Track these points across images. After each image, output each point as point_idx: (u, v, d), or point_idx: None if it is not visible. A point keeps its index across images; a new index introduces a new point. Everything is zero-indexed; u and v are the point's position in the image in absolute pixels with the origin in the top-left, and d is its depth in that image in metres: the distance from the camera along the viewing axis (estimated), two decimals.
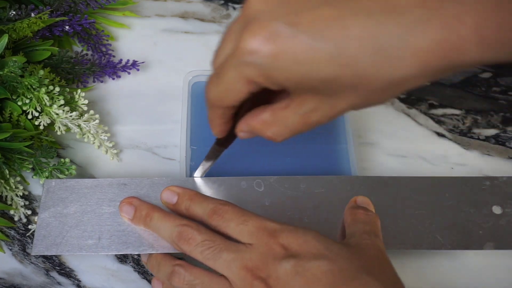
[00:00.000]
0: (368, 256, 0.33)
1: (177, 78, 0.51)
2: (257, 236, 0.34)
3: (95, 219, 0.40)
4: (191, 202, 0.38)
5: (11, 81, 0.43)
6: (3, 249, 0.43)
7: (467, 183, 0.42)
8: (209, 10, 0.58)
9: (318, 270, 0.31)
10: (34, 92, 0.43)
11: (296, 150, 0.46)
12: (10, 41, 0.46)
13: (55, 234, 0.39)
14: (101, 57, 0.52)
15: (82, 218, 0.40)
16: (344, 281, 0.31)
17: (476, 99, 0.51)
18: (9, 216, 0.45)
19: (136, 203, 0.39)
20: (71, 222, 0.39)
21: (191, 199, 0.38)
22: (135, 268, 0.43)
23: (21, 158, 0.43)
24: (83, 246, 0.38)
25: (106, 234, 0.39)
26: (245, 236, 0.34)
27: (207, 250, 0.34)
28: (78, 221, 0.39)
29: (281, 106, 0.29)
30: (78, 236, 0.39)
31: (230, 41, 0.28)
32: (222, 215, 0.35)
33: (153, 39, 0.56)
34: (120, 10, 0.56)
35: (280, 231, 0.34)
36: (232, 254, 0.33)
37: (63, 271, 0.42)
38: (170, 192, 0.39)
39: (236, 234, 0.34)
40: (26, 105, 0.44)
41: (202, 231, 0.35)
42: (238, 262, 0.33)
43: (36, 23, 0.45)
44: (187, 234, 0.35)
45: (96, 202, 0.40)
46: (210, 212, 0.36)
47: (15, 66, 0.42)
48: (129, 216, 0.39)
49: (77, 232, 0.39)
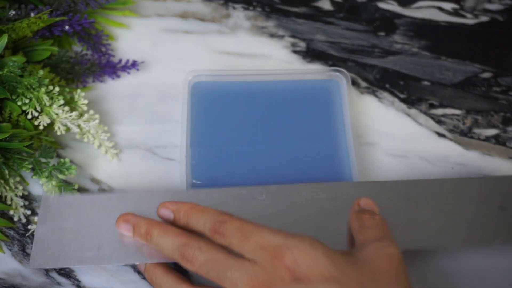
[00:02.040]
0: (383, 274, 0.32)
1: (177, 78, 0.51)
2: (260, 254, 0.33)
3: (94, 232, 0.39)
4: (188, 218, 0.37)
5: (11, 81, 0.43)
6: (3, 249, 0.43)
7: (470, 183, 0.42)
8: (209, 10, 0.58)
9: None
10: (33, 92, 0.43)
11: (296, 151, 0.46)
12: (10, 41, 0.46)
13: (53, 248, 0.38)
14: (101, 57, 0.52)
15: (81, 231, 0.39)
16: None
17: (477, 99, 0.51)
18: (9, 216, 0.44)
19: (132, 220, 0.38)
20: (69, 236, 0.39)
21: (188, 215, 0.37)
22: (135, 268, 0.43)
23: (21, 158, 0.43)
24: (83, 258, 0.38)
25: (105, 246, 0.38)
26: (248, 253, 0.33)
27: (212, 271, 0.33)
28: (76, 235, 0.39)
29: None
30: (78, 249, 0.38)
31: None
32: (223, 233, 0.34)
33: (153, 39, 0.56)
34: (119, 10, 0.56)
35: (285, 247, 0.32)
36: (237, 273, 0.32)
37: (63, 271, 0.42)
38: (165, 209, 0.38)
39: (241, 251, 0.34)
40: (26, 105, 0.43)
41: (204, 249, 0.34)
42: (245, 280, 0.32)
43: (36, 23, 0.45)
44: (189, 255, 0.34)
45: (95, 215, 0.40)
46: (210, 231, 0.35)
47: (14, 66, 0.42)
48: (128, 233, 0.38)
49: (76, 245, 0.38)
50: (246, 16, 0.58)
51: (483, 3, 0.59)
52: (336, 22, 0.58)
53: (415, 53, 0.55)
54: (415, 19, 0.58)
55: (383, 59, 0.55)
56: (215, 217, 0.35)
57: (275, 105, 0.48)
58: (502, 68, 0.54)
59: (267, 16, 0.58)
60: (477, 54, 0.55)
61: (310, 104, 0.48)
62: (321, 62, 0.54)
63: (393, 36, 0.57)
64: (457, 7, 0.59)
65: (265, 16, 0.58)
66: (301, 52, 0.55)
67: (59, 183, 0.44)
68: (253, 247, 0.33)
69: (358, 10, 0.59)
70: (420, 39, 0.56)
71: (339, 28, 0.57)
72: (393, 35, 0.57)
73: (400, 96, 0.52)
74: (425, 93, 0.52)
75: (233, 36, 0.56)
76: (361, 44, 0.56)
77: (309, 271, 0.31)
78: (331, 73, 0.51)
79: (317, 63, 0.54)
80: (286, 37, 0.56)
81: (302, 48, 0.56)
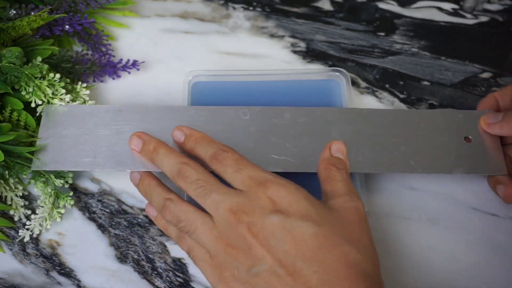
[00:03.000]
0: (350, 222, 0.35)
1: (177, 78, 0.51)
2: (248, 184, 0.36)
3: (91, 140, 0.42)
4: (196, 144, 0.40)
5: (12, 72, 0.43)
6: (3, 249, 0.43)
7: (441, 115, 0.45)
8: (209, 10, 0.58)
9: (305, 231, 0.33)
10: (36, 81, 0.43)
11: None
12: (10, 40, 0.46)
13: (54, 153, 0.41)
14: (101, 57, 0.52)
15: (79, 139, 0.42)
16: (328, 247, 0.33)
17: (476, 99, 0.51)
18: (9, 216, 0.44)
19: (145, 137, 0.41)
20: (69, 143, 0.42)
21: (197, 141, 0.40)
22: (135, 268, 0.43)
23: (20, 163, 0.43)
24: (80, 163, 0.41)
25: (101, 154, 0.41)
26: (238, 182, 0.36)
27: (199, 189, 0.36)
28: (75, 142, 0.42)
29: None
30: (75, 155, 0.41)
31: None
32: (221, 160, 0.37)
33: (153, 39, 0.56)
34: (120, 10, 0.56)
35: (271, 182, 0.35)
36: (221, 196, 0.35)
37: (63, 271, 0.42)
38: (180, 131, 0.41)
39: (231, 180, 0.37)
40: (29, 93, 0.43)
41: (200, 170, 0.37)
42: (226, 204, 0.35)
43: (36, 20, 0.45)
44: (185, 172, 0.37)
45: (93, 126, 0.43)
46: (211, 156, 0.38)
47: (12, 56, 0.42)
48: (137, 148, 0.41)
49: (74, 151, 0.42)
50: (246, 16, 0.58)
51: (483, 3, 0.59)
52: (336, 22, 0.58)
53: (415, 53, 0.55)
54: (415, 19, 0.58)
55: (383, 59, 0.55)
56: (220, 147, 0.39)
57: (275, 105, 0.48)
58: (502, 68, 0.54)
59: (267, 16, 0.58)
60: (476, 54, 0.55)
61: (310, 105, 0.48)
62: (321, 62, 0.55)
63: (393, 36, 0.57)
64: (457, 7, 0.59)
65: (265, 16, 0.58)
66: (301, 52, 0.55)
67: (54, 190, 0.44)
68: (243, 178, 0.36)
69: (358, 10, 0.59)
70: (420, 39, 0.56)
71: (339, 28, 0.57)
72: (393, 35, 0.57)
73: (400, 96, 0.52)
74: (425, 93, 0.52)
75: (233, 36, 0.56)
76: (361, 44, 0.56)
77: (289, 206, 0.34)
78: (331, 73, 0.51)
79: (317, 63, 0.55)
80: (286, 37, 0.56)
81: (302, 48, 0.56)
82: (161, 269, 0.43)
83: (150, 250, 0.43)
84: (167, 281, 0.42)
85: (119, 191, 0.46)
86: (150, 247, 0.44)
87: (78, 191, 0.46)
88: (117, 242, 0.44)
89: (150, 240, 0.44)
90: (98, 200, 0.46)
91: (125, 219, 0.45)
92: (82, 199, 0.46)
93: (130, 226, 0.44)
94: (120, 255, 0.43)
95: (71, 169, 0.41)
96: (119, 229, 0.44)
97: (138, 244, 0.44)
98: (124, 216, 0.45)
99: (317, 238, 0.33)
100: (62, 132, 0.42)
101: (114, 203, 0.46)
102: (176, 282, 0.42)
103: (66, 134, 0.42)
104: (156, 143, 0.41)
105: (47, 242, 0.44)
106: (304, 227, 0.33)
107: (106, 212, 0.45)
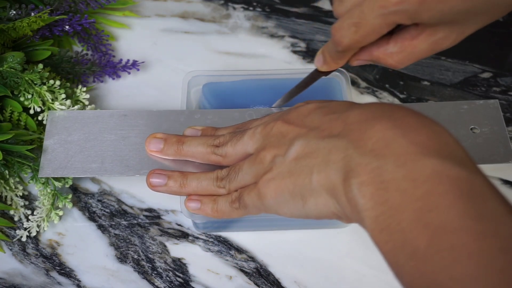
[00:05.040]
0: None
1: (177, 78, 0.51)
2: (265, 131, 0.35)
3: (97, 146, 0.42)
4: (216, 130, 0.40)
5: (12, 77, 0.43)
6: (3, 249, 0.43)
7: (446, 107, 0.45)
8: (209, 10, 0.58)
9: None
10: (35, 87, 0.43)
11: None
12: (10, 40, 0.46)
13: (60, 159, 0.41)
14: (101, 57, 0.52)
15: (85, 145, 0.42)
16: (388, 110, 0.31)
17: (477, 99, 0.51)
18: (9, 216, 0.45)
19: (162, 135, 0.40)
20: (75, 149, 0.42)
21: (215, 128, 0.41)
22: (135, 268, 0.43)
23: (21, 162, 0.43)
24: (87, 169, 0.40)
25: (108, 159, 0.41)
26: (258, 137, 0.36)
27: (235, 138, 0.37)
28: (81, 148, 0.42)
29: (408, 37, 0.34)
30: (82, 161, 0.41)
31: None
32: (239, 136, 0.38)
33: (153, 39, 0.56)
34: (120, 10, 0.56)
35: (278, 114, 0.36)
36: (255, 123, 0.38)
37: (63, 271, 0.42)
38: (193, 129, 0.41)
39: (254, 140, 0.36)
40: (28, 100, 0.44)
41: (229, 129, 0.40)
42: (260, 127, 0.35)
43: (36, 21, 0.45)
44: (219, 140, 0.38)
45: (98, 131, 0.42)
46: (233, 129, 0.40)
47: (14, 61, 0.42)
48: (158, 147, 0.40)
49: (81, 157, 0.41)
50: (246, 16, 0.58)
51: None
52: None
53: None
54: None
55: None
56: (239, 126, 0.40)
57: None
58: (502, 68, 0.54)
59: (267, 16, 0.58)
60: (477, 54, 0.55)
61: None
62: None
63: None
64: None
65: (265, 16, 0.58)
66: (301, 52, 0.55)
67: (54, 191, 0.44)
68: (256, 132, 0.36)
69: None
70: None
71: None
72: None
73: (400, 96, 0.52)
74: (425, 93, 0.52)
75: (233, 36, 0.56)
76: None
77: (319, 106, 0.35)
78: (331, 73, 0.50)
79: None
80: (286, 37, 0.56)
81: (302, 48, 0.56)
82: (161, 269, 0.43)
83: (150, 250, 0.43)
84: (167, 281, 0.42)
85: (119, 191, 0.46)
86: (150, 247, 0.44)
87: (78, 191, 0.46)
88: (117, 242, 0.44)
89: (150, 240, 0.44)
90: (98, 200, 0.46)
91: (125, 219, 0.45)
92: (82, 199, 0.46)
93: (130, 226, 0.45)
94: (120, 255, 0.43)
95: (79, 176, 0.40)
96: (119, 229, 0.44)
97: (138, 244, 0.44)
98: (124, 216, 0.45)
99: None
100: (68, 138, 0.42)
101: (114, 203, 0.46)
102: (176, 282, 0.42)
103: (72, 140, 0.42)
104: (177, 136, 0.40)
105: (47, 242, 0.44)
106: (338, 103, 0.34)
107: (106, 212, 0.45)
